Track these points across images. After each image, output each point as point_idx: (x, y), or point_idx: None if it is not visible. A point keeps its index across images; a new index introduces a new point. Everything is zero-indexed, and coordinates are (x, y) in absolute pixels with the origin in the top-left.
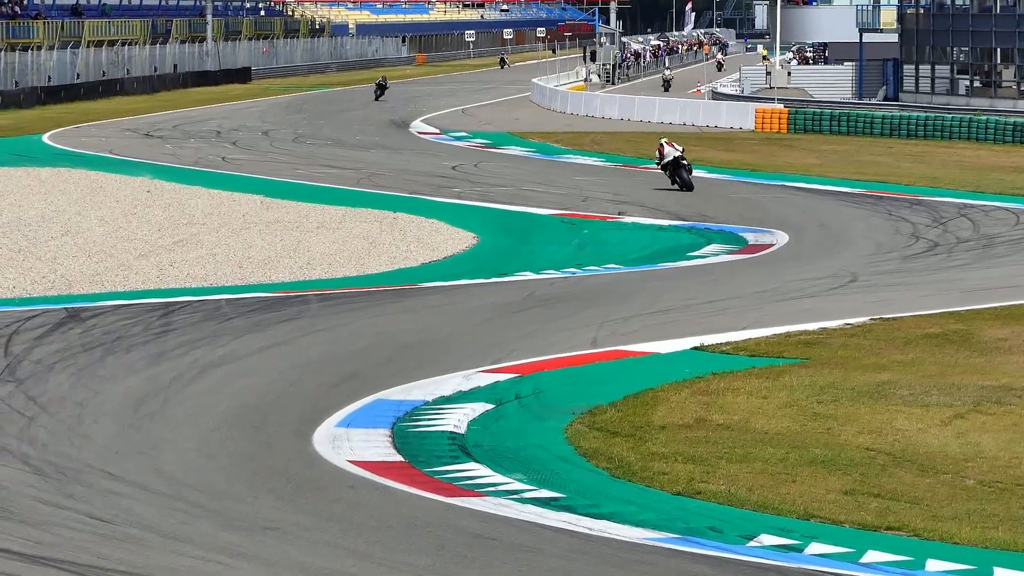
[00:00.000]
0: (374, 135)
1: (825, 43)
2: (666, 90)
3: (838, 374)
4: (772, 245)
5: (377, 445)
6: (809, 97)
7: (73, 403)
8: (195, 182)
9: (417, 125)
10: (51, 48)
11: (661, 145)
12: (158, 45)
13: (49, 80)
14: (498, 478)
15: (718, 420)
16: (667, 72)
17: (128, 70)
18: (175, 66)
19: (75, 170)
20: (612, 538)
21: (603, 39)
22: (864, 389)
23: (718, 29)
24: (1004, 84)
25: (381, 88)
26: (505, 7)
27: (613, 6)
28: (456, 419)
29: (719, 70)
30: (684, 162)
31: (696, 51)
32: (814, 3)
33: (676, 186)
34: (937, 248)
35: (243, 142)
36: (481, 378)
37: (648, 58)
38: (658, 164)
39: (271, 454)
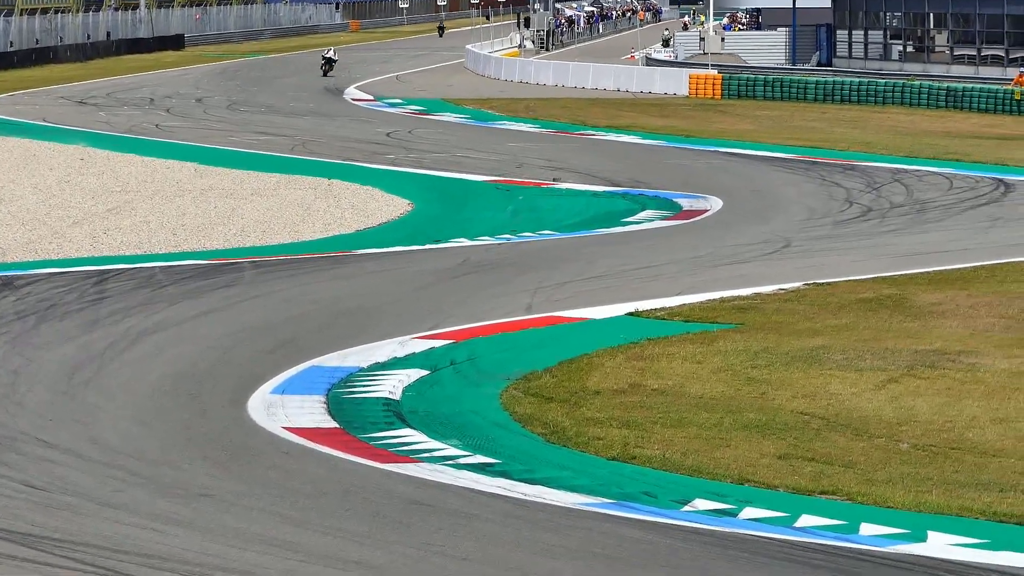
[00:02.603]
0: (308, 102)
1: (758, 8)
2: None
3: (772, 339)
4: (706, 211)
5: (312, 412)
6: (743, 63)
7: (7, 371)
8: (129, 150)
9: (351, 92)
10: None
11: None
12: (91, 13)
13: None
14: (433, 444)
15: (653, 385)
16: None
17: (61, 38)
18: (108, 33)
19: (8, 138)
20: (547, 503)
21: (537, 5)
22: (798, 354)
23: None
24: (937, 49)
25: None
26: None
27: None
28: (391, 385)
29: (666, 47)
30: None
31: (630, 17)
32: None
33: None
34: (870, 213)
35: (177, 109)
36: (416, 344)
37: (582, 24)
38: None
39: (206, 421)
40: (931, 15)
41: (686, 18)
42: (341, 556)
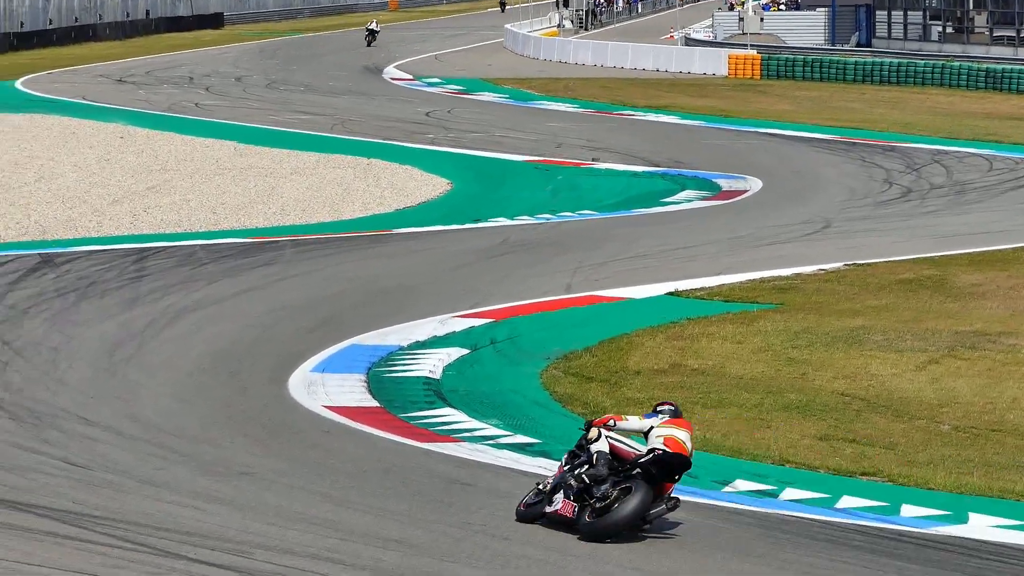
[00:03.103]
0: (347, 81)
1: None
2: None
3: (812, 319)
4: (746, 191)
5: (352, 390)
6: (782, 43)
7: (48, 348)
8: (168, 128)
9: (390, 71)
10: None
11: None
12: None
13: (21, 26)
14: (474, 423)
15: (693, 365)
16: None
17: (100, 16)
18: (147, 12)
19: (48, 116)
20: None
21: None
22: (838, 334)
23: None
24: (977, 30)
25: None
26: None
27: None
28: (431, 364)
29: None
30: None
31: None
32: None
33: None
34: (911, 194)
35: (216, 88)
36: (456, 323)
37: (621, 4)
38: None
39: (246, 399)
40: None
41: None
42: (381, 534)
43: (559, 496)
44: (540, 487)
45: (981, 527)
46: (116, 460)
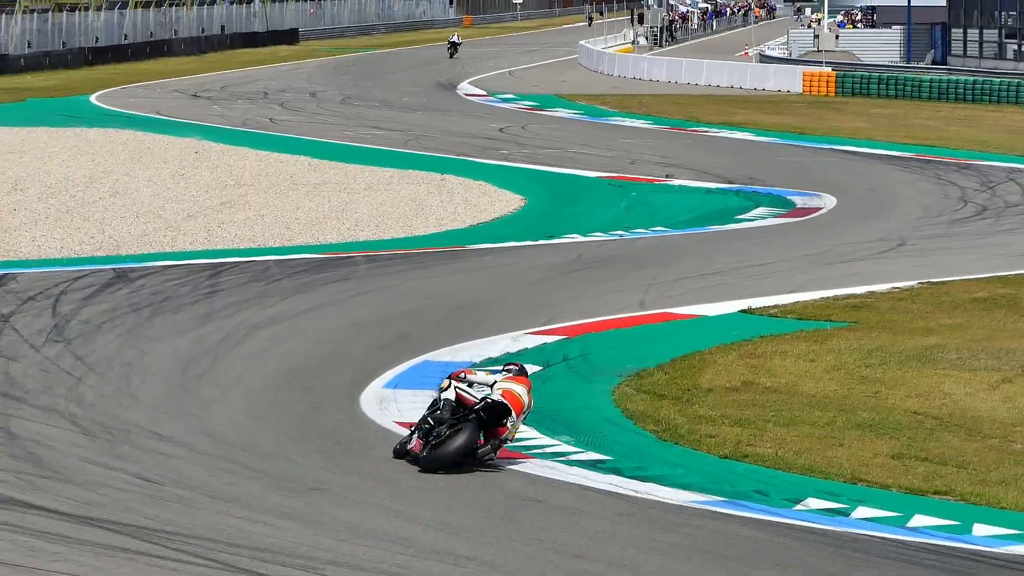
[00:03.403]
0: (421, 97)
1: (874, 6)
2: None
3: (886, 338)
4: (820, 208)
5: (424, 406)
6: (857, 60)
7: (121, 363)
8: (243, 143)
9: (464, 87)
10: (98, 9)
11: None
12: (206, 6)
13: (96, 41)
14: (545, 440)
15: (765, 383)
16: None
17: (175, 31)
18: (222, 27)
19: (123, 131)
20: (658, 501)
21: (651, 1)
22: (912, 353)
23: None
24: None
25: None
26: None
27: None
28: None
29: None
30: None
31: (745, 14)
32: None
33: None
34: (985, 212)
35: (290, 103)
36: (529, 340)
37: (696, 22)
38: None
39: (319, 415)
40: None
41: (812, 14)
42: (452, 551)
43: (415, 436)
44: (411, 430)
45: None
46: (189, 476)
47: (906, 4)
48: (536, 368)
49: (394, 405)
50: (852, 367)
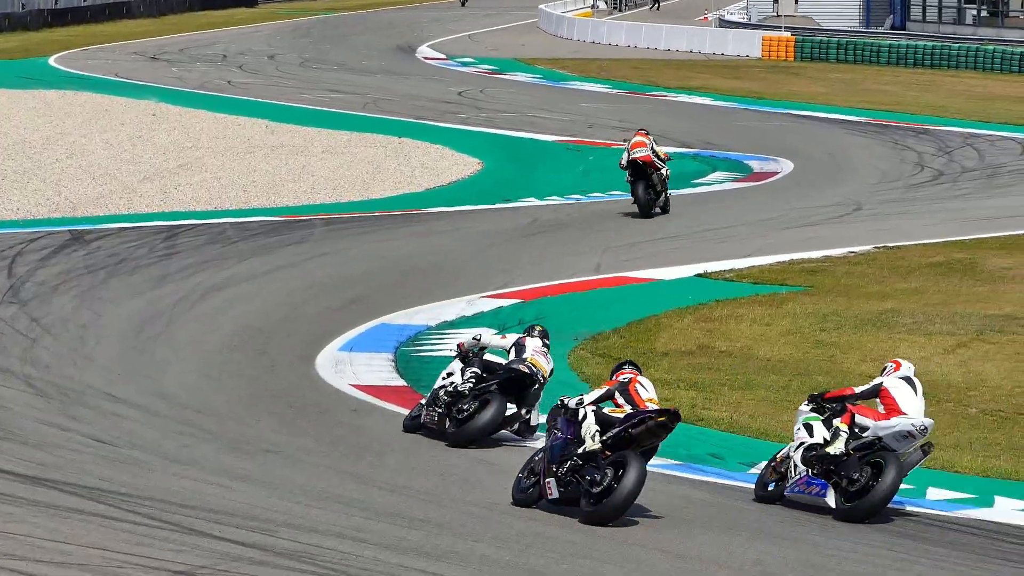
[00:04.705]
0: (380, 60)
1: None
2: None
3: (841, 302)
4: (777, 173)
5: (380, 369)
6: (816, 25)
7: (76, 325)
8: (200, 106)
9: (423, 50)
10: None
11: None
12: None
13: (56, 3)
14: None
15: (721, 347)
16: None
17: None
18: None
19: (80, 93)
20: None
21: None
22: (867, 317)
23: None
24: (1011, 14)
25: None
26: None
27: None
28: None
29: None
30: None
31: None
32: None
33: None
34: (942, 177)
35: (249, 66)
36: (484, 303)
37: None
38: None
39: (274, 378)
40: None
41: None
42: (406, 514)
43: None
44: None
45: (1007, 511)
46: (143, 437)
47: None
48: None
49: (349, 368)
50: (808, 331)
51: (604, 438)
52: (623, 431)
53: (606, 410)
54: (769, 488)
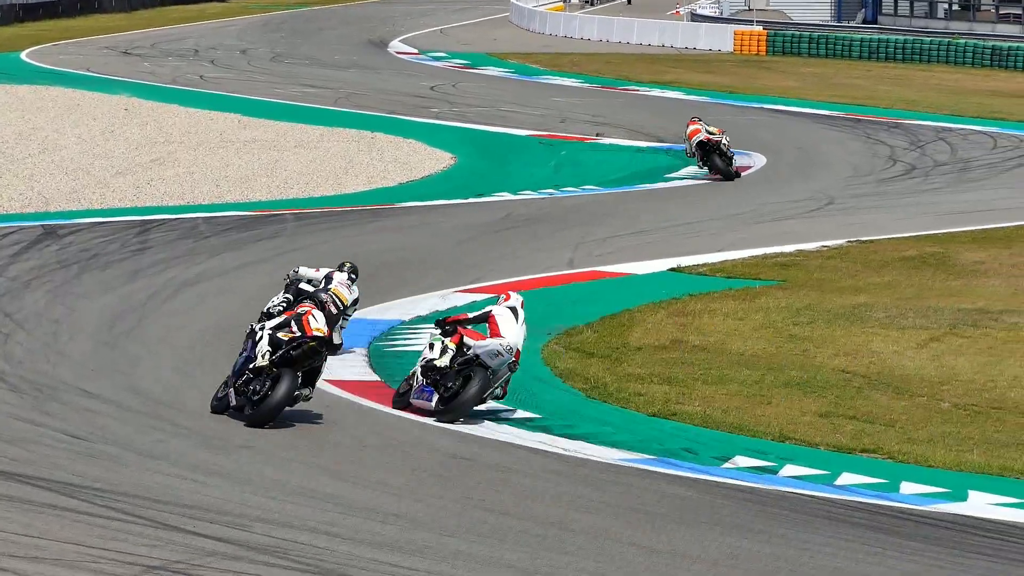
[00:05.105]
0: (352, 55)
1: None
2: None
3: (814, 296)
4: (749, 167)
5: (353, 364)
6: (788, 19)
7: (49, 320)
8: (173, 100)
9: (395, 45)
10: None
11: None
12: None
13: None
14: None
15: (694, 341)
16: None
17: None
18: None
19: (53, 88)
20: (587, 459)
21: None
22: (840, 311)
23: None
24: (983, 7)
25: None
26: None
27: None
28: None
29: None
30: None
31: None
32: None
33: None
34: (914, 171)
35: (221, 61)
36: (458, 298)
37: None
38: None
39: None
40: None
41: None
42: (380, 509)
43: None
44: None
45: (980, 505)
46: (116, 433)
47: None
48: None
49: None
50: (781, 325)
51: (274, 357)
52: (286, 352)
53: (280, 334)
54: (401, 395)
